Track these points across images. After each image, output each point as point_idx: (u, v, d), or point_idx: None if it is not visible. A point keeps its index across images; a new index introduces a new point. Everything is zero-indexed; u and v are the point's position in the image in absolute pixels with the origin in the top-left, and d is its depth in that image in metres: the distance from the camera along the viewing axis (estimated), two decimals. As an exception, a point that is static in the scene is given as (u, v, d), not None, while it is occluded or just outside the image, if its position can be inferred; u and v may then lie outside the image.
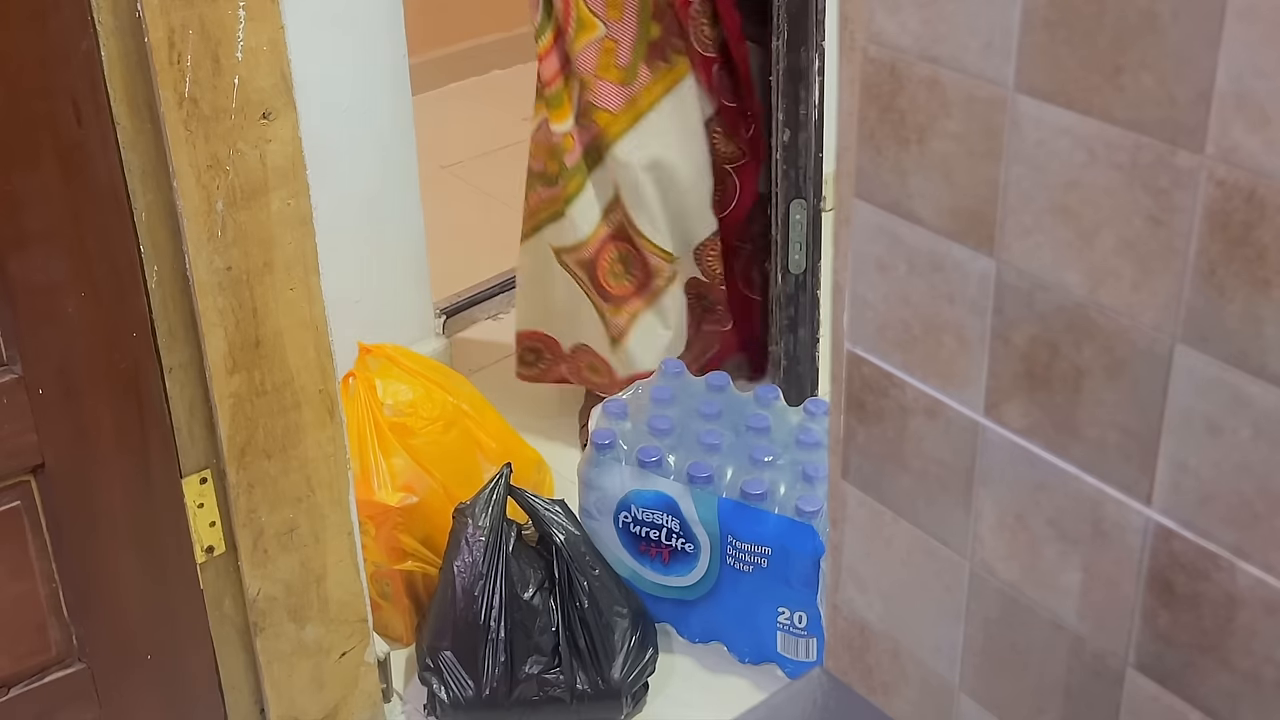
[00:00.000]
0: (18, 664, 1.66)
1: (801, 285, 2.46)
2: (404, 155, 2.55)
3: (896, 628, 0.95)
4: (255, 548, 1.76)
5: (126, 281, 1.56)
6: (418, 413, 2.18)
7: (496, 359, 2.89)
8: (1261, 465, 0.69)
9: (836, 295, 0.90)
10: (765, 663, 2.18)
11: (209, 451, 1.70)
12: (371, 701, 1.99)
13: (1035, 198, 0.74)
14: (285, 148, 1.60)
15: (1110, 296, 0.72)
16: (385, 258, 2.58)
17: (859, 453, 0.92)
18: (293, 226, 1.64)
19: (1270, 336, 0.66)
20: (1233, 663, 0.74)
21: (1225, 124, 0.64)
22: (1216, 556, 0.72)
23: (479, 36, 4.21)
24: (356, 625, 1.91)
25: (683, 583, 2.16)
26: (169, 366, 1.63)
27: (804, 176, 2.38)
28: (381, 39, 2.44)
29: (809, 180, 2.39)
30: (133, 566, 1.69)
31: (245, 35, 1.51)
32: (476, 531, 2.02)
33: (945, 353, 0.83)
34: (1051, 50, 0.70)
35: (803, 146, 2.36)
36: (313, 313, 1.69)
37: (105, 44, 1.46)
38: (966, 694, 0.92)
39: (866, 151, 0.83)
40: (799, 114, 2.33)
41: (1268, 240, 0.64)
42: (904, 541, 0.92)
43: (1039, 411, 0.79)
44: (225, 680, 1.84)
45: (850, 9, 0.81)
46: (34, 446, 1.56)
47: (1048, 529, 0.81)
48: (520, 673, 2.03)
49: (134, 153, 1.52)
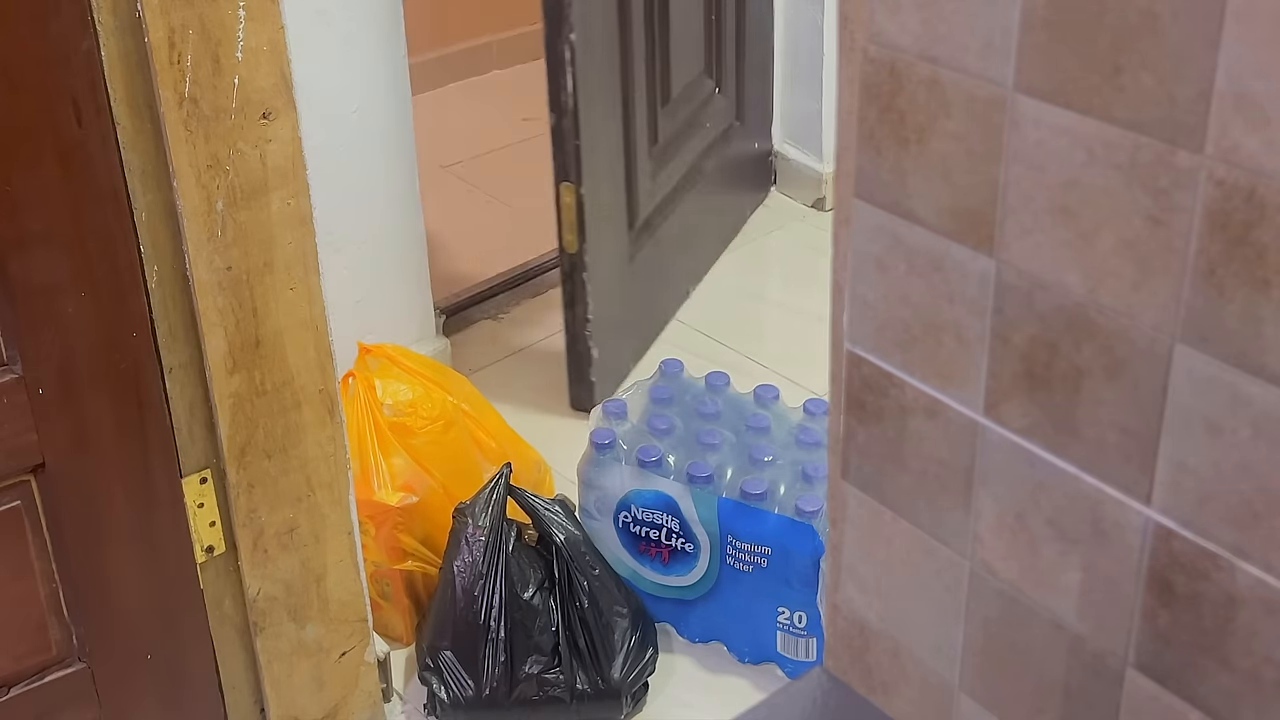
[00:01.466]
0: (18, 664, 1.66)
1: (574, 264, 2.53)
2: (404, 155, 2.55)
3: (896, 627, 0.95)
4: (255, 547, 1.76)
5: (126, 281, 1.56)
6: (417, 412, 2.18)
7: (496, 359, 2.89)
8: (1261, 465, 0.69)
9: (836, 295, 0.90)
10: (765, 662, 2.18)
11: (209, 451, 1.70)
12: (371, 701, 1.99)
13: (1035, 198, 0.74)
14: (285, 148, 1.60)
15: (1110, 296, 0.72)
16: (385, 258, 2.58)
17: (859, 452, 0.92)
18: (293, 226, 1.64)
19: (1270, 336, 0.66)
20: (1233, 663, 0.74)
21: (1225, 124, 0.64)
22: (1216, 556, 0.72)
23: (479, 36, 4.21)
24: (356, 625, 1.91)
25: (683, 582, 2.16)
26: (169, 366, 1.63)
27: (569, 161, 2.45)
28: (381, 39, 2.44)
29: (574, 165, 2.45)
30: (133, 566, 1.69)
31: (245, 35, 1.51)
32: (476, 531, 2.02)
33: (945, 352, 0.83)
34: (1051, 50, 0.70)
35: (566, 132, 2.42)
36: (313, 313, 1.69)
37: (105, 44, 1.46)
38: (966, 694, 0.92)
39: (866, 151, 0.83)
40: (560, 100, 2.40)
41: (1267, 240, 0.64)
42: (904, 541, 0.92)
43: (1038, 411, 0.79)
44: (225, 680, 1.84)
45: (850, 9, 0.81)
46: (34, 446, 1.56)
47: (1047, 529, 0.81)
48: (520, 672, 2.03)
49: (134, 153, 1.52)
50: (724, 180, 3.16)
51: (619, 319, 2.69)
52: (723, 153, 3.13)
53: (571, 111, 2.39)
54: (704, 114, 3.02)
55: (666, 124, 2.82)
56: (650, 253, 2.80)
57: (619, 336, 2.70)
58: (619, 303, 2.68)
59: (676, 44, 2.78)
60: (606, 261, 2.61)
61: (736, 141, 3.19)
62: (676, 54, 2.80)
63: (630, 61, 2.58)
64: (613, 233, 2.63)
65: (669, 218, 2.87)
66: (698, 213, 3.02)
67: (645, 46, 2.64)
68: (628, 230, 2.69)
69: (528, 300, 3.08)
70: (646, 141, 2.72)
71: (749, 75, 3.17)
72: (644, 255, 2.77)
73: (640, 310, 2.82)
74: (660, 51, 2.73)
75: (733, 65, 3.09)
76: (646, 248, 2.78)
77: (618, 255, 2.67)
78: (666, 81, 2.78)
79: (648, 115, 2.71)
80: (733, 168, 3.20)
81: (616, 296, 2.66)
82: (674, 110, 2.85)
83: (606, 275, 2.61)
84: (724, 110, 3.11)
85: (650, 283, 2.84)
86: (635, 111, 2.63)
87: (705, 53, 2.98)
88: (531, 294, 3.10)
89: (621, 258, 2.68)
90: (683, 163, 2.93)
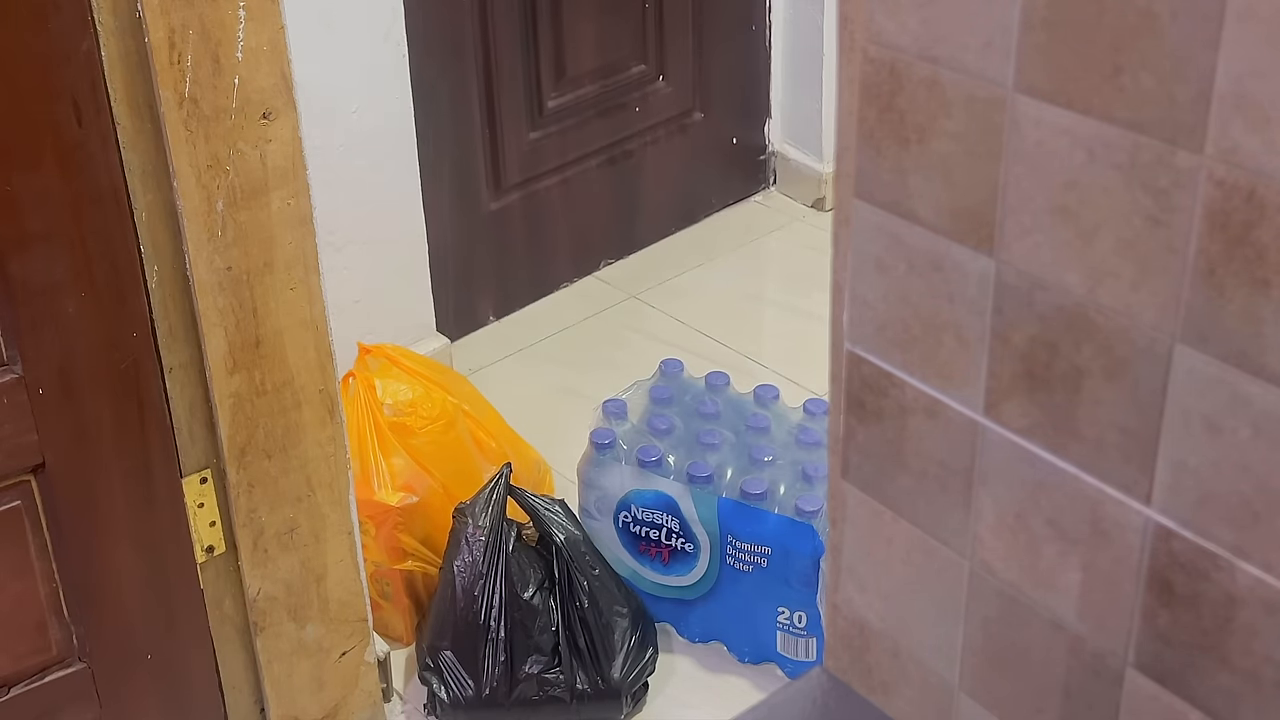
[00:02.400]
0: (18, 664, 1.66)
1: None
2: (404, 155, 2.55)
3: (896, 627, 0.95)
4: (255, 547, 1.77)
5: (126, 281, 1.56)
6: (417, 412, 2.18)
7: (496, 359, 2.89)
8: (1261, 465, 0.69)
9: (836, 295, 0.90)
10: (765, 662, 2.18)
11: (209, 451, 1.70)
12: (371, 701, 1.99)
13: (1035, 198, 0.74)
14: (285, 148, 1.60)
15: (1110, 296, 0.72)
16: (385, 258, 2.58)
17: (859, 452, 0.92)
18: (293, 226, 1.64)
19: (1270, 336, 0.66)
20: (1233, 663, 0.74)
21: (1225, 124, 0.64)
22: (1216, 556, 0.72)
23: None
24: (356, 625, 1.91)
25: (683, 582, 2.16)
26: (169, 366, 1.63)
27: None
28: (381, 39, 2.44)
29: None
30: (133, 566, 1.69)
31: (245, 35, 1.51)
32: (476, 531, 2.02)
33: (945, 352, 0.83)
34: (1051, 50, 0.70)
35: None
36: (313, 313, 1.69)
37: (105, 44, 1.46)
38: (966, 693, 0.92)
39: (866, 151, 0.83)
40: None
41: (1267, 240, 0.64)
42: (904, 541, 0.92)
43: (1038, 411, 0.79)
44: (225, 680, 1.84)
45: (850, 9, 0.81)
46: (34, 446, 1.56)
47: (1047, 529, 0.81)
48: (520, 672, 2.03)
49: (134, 153, 1.52)
50: (680, 169, 3.22)
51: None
52: (673, 142, 3.18)
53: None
54: (633, 99, 3.09)
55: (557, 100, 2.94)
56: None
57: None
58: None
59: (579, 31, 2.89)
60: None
61: (697, 133, 3.22)
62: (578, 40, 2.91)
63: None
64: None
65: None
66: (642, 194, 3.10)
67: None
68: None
69: (527, 300, 3.08)
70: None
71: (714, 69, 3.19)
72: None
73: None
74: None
75: (689, 56, 3.12)
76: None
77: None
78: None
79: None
80: (690, 158, 3.23)
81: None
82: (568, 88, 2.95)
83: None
84: (670, 99, 3.14)
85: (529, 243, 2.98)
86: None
87: (639, 41, 3.06)
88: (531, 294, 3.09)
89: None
90: (587, 139, 3.01)
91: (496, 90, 2.82)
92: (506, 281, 3.01)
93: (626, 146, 3.10)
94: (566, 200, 3.05)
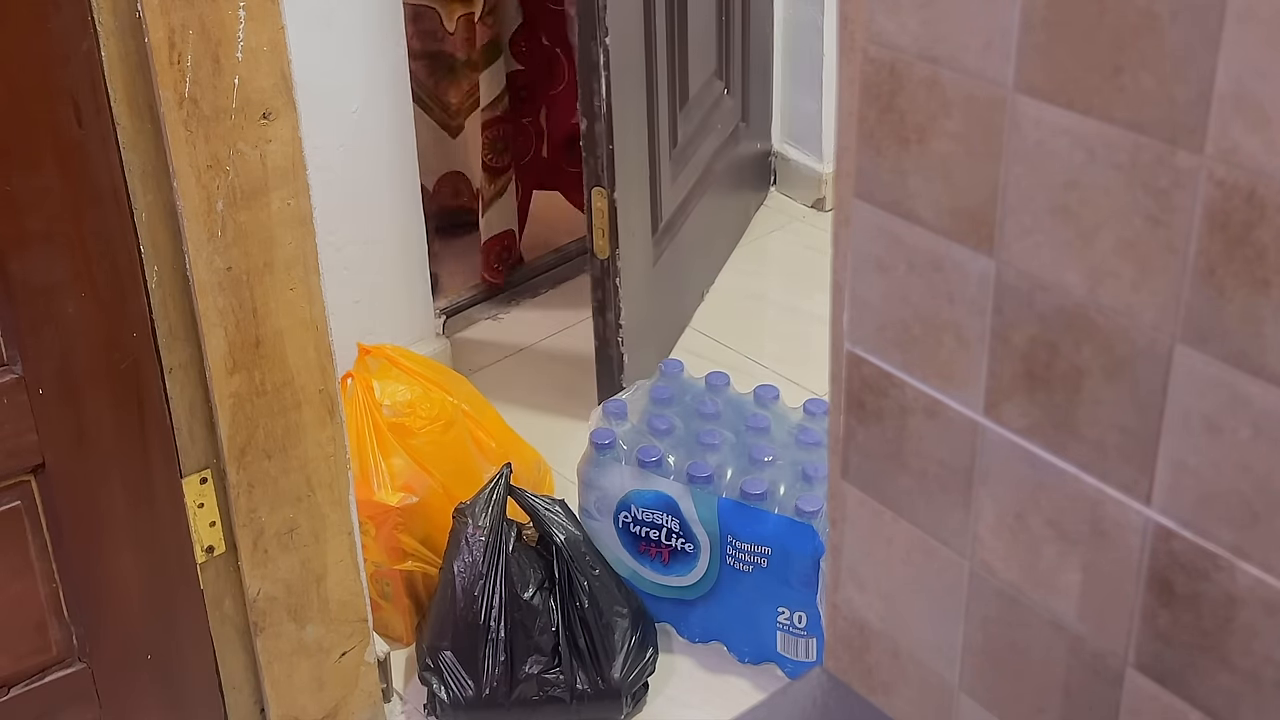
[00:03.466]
0: (18, 664, 1.66)
1: (606, 270, 2.48)
2: (404, 155, 2.55)
3: (896, 627, 0.95)
4: (255, 548, 1.77)
5: (126, 281, 1.56)
6: (416, 413, 2.18)
7: (496, 359, 2.89)
8: (1261, 465, 0.69)
9: (836, 295, 0.90)
10: (765, 663, 2.18)
11: (209, 451, 1.70)
12: (371, 701, 1.99)
13: (1035, 198, 0.74)
14: (285, 148, 1.60)
15: (1110, 296, 0.72)
16: (385, 258, 2.58)
17: (859, 452, 0.92)
18: (293, 226, 1.64)
19: (1270, 336, 0.66)
20: (1233, 663, 0.74)
21: (1225, 124, 0.64)
22: (1216, 556, 0.72)
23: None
24: (356, 625, 1.91)
25: (683, 583, 2.16)
26: (169, 366, 1.63)
27: (601, 166, 2.41)
28: (381, 39, 2.44)
29: (605, 170, 2.41)
30: (133, 566, 1.69)
31: (245, 35, 1.51)
32: (476, 531, 2.02)
33: (945, 353, 0.83)
34: (1051, 50, 0.70)
35: (599, 136, 2.39)
36: (313, 313, 1.69)
37: (105, 44, 1.46)
38: (966, 694, 0.92)
39: (866, 151, 0.83)
40: (593, 105, 2.36)
41: (1267, 240, 0.64)
42: (904, 541, 0.92)
43: (1038, 411, 0.79)
44: (225, 680, 1.84)
45: (850, 9, 0.81)
46: (34, 446, 1.56)
47: (1047, 529, 0.81)
48: (520, 673, 2.03)
49: (134, 153, 1.52)
50: (731, 181, 3.16)
51: (645, 323, 2.67)
52: (730, 154, 3.13)
53: (604, 116, 2.35)
54: (715, 116, 3.01)
55: (685, 126, 2.81)
56: (670, 257, 2.79)
57: (645, 341, 2.69)
58: (645, 307, 2.66)
59: (693, 46, 2.78)
60: (633, 267, 2.58)
61: (744, 142, 3.20)
62: (694, 56, 2.79)
63: (654, 64, 2.57)
64: (638, 237, 2.61)
65: (686, 221, 2.87)
66: (710, 215, 3.01)
67: (667, 49, 2.63)
68: (651, 234, 2.68)
69: (528, 300, 3.08)
70: (668, 144, 2.72)
71: (753, 76, 3.17)
72: (665, 259, 2.76)
73: (663, 314, 2.81)
74: (679, 53, 2.72)
75: (740, 66, 3.09)
76: (668, 252, 2.77)
77: (643, 260, 2.65)
78: (684, 83, 2.78)
79: (669, 118, 2.70)
80: (738, 168, 3.20)
81: (643, 301, 2.64)
82: (690, 113, 2.85)
83: (634, 280, 2.59)
84: (731, 111, 3.11)
85: (671, 286, 2.83)
86: (659, 115, 2.62)
87: (717, 54, 2.98)
88: (531, 294, 3.10)
89: (646, 262, 2.66)
90: (698, 165, 2.92)
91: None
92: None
93: (714, 166, 3.06)
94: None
